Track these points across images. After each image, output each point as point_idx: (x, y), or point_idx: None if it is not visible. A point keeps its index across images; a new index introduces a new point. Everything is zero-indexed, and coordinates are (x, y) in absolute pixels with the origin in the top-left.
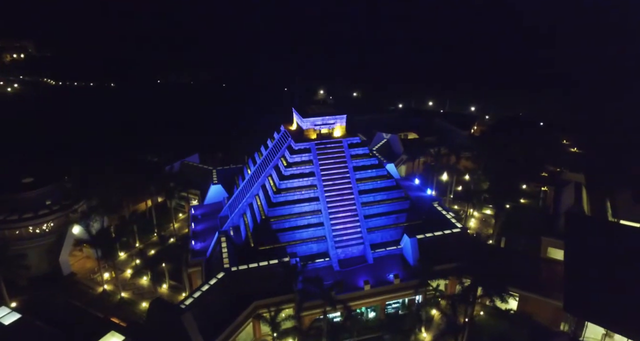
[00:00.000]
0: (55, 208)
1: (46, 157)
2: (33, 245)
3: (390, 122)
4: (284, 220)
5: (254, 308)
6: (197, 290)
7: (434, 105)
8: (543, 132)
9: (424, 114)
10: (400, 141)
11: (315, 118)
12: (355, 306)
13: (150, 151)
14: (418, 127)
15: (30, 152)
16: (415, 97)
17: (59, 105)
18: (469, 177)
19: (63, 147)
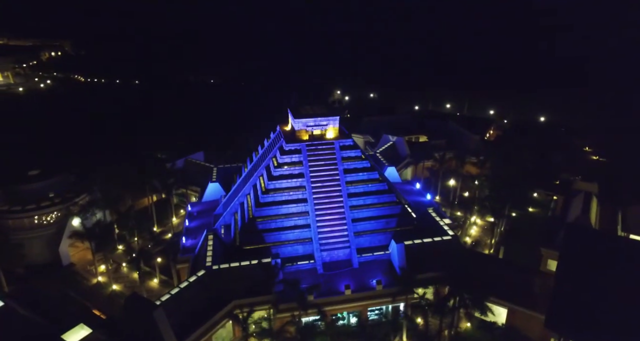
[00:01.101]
0: (57, 201)
1: (59, 150)
2: (35, 235)
3: (402, 124)
4: (271, 221)
5: (233, 307)
6: (176, 287)
7: (452, 108)
8: (564, 138)
9: (438, 117)
10: (407, 144)
11: (307, 119)
12: (335, 310)
13: (160, 148)
14: (430, 130)
15: (46, 145)
16: (434, 99)
17: (84, 101)
18: (473, 182)
19: (78, 141)
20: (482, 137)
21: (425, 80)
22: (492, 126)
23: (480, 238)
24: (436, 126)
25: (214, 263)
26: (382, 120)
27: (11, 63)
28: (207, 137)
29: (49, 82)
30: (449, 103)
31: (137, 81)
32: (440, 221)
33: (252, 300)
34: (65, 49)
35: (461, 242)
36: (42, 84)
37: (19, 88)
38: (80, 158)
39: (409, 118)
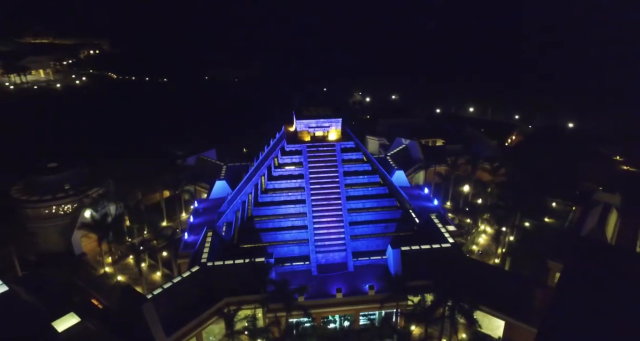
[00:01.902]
0: (71, 193)
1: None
2: (50, 224)
3: (419, 127)
4: (268, 220)
5: (224, 305)
6: (168, 281)
7: (475, 112)
8: (592, 146)
9: (457, 121)
10: (420, 147)
11: (309, 121)
12: (325, 313)
13: (178, 144)
14: (447, 134)
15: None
16: (457, 103)
17: (114, 98)
18: (485, 189)
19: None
20: (502, 142)
21: (450, 83)
22: (515, 132)
23: (489, 247)
24: (453, 130)
25: (209, 260)
26: (398, 123)
27: (52, 60)
28: (225, 135)
29: (84, 79)
30: (473, 107)
31: (165, 79)
32: (442, 228)
33: (243, 298)
34: (103, 48)
35: (462, 249)
36: (77, 81)
37: (57, 84)
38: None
39: (426, 121)
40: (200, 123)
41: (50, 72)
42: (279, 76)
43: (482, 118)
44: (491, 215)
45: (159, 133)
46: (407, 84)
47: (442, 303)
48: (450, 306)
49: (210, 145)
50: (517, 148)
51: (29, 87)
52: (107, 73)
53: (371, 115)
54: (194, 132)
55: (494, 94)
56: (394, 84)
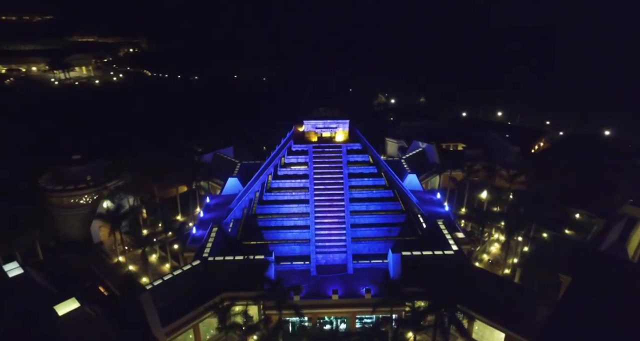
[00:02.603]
0: (92, 184)
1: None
2: (72, 213)
3: (440, 131)
4: (271, 219)
5: (221, 299)
6: (169, 273)
7: (503, 117)
8: (628, 155)
9: (481, 125)
10: (437, 151)
11: (317, 121)
12: (321, 314)
13: (199, 140)
14: (468, 139)
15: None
16: (485, 106)
17: (146, 94)
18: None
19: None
20: (527, 149)
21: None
22: (542, 138)
23: (500, 257)
24: (475, 135)
25: (211, 255)
26: (418, 126)
27: (93, 58)
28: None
29: (121, 76)
30: (501, 112)
31: (195, 77)
32: (448, 234)
33: (238, 294)
34: (142, 46)
35: (467, 257)
36: (115, 78)
37: (96, 80)
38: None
39: (448, 125)
40: (223, 120)
41: (92, 68)
42: (307, 76)
43: (510, 124)
44: (509, 223)
45: (183, 129)
46: (435, 87)
47: (431, 311)
48: (441, 314)
49: (228, 143)
50: (541, 156)
51: (71, 83)
52: (142, 70)
53: (395, 117)
54: (216, 129)
55: (526, 99)
56: (421, 87)
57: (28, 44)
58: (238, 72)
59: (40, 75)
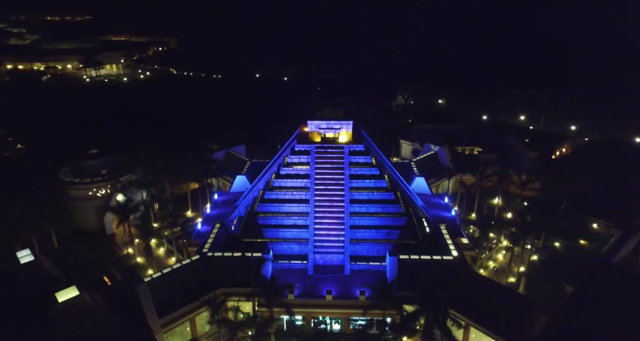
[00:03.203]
0: (106, 177)
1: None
2: (87, 205)
3: (455, 134)
4: (271, 217)
5: (216, 295)
6: (168, 267)
7: (526, 120)
8: None
9: (499, 129)
10: (450, 155)
11: (320, 122)
12: (315, 314)
13: (216, 138)
14: (487, 142)
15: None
16: (507, 110)
17: (171, 91)
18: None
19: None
20: (547, 154)
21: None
22: (565, 144)
23: (507, 265)
24: (492, 139)
25: (211, 251)
26: (435, 128)
27: (123, 56)
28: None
29: (148, 74)
30: (524, 115)
31: (219, 75)
32: (449, 239)
33: (234, 290)
34: (171, 45)
35: (467, 263)
36: (142, 75)
37: (124, 78)
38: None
39: (465, 127)
40: (240, 118)
41: (121, 66)
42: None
43: (532, 128)
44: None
45: (201, 127)
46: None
47: (418, 316)
48: (430, 320)
49: (241, 141)
50: (561, 162)
51: (101, 80)
52: (169, 68)
53: (414, 119)
54: (233, 127)
55: (551, 103)
56: (442, 89)
57: (66, 43)
58: (260, 71)
59: (74, 73)
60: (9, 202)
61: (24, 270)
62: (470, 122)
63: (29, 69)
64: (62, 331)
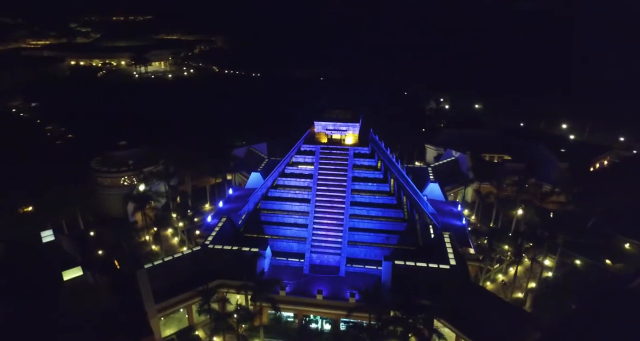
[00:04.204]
0: (131, 168)
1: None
2: (113, 193)
3: (484, 141)
4: (273, 215)
5: (215, 286)
6: (170, 255)
7: (568, 129)
8: None
9: (536, 137)
10: (471, 161)
11: (327, 123)
12: (305, 312)
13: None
14: (518, 151)
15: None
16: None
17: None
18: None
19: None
20: (582, 166)
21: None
22: (607, 156)
23: (518, 280)
24: (524, 147)
25: (212, 243)
26: (463, 134)
27: (170, 54)
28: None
29: (191, 71)
30: (566, 124)
31: (258, 74)
32: (450, 248)
33: (226, 281)
34: (218, 44)
35: (466, 273)
36: (186, 72)
37: (169, 74)
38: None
39: (496, 134)
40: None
41: (168, 63)
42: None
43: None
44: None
45: (232, 123)
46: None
47: (396, 322)
48: (407, 327)
49: (264, 139)
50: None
51: (149, 76)
52: (212, 66)
53: (447, 123)
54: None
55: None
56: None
57: (122, 41)
58: (299, 71)
59: (126, 69)
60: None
61: (43, 249)
62: (502, 129)
63: (88, 65)
64: (64, 306)
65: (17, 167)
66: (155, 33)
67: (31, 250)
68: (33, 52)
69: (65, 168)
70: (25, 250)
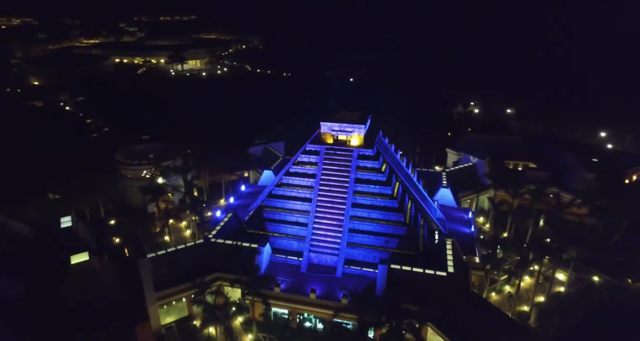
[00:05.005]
0: (151, 161)
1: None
2: (134, 184)
3: (509, 147)
4: (275, 212)
5: (214, 279)
6: (171, 247)
7: (607, 139)
8: None
9: (568, 146)
10: (489, 168)
11: (333, 124)
12: (299, 310)
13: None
14: (545, 159)
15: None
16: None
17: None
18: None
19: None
20: (614, 178)
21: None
22: None
23: (526, 293)
24: (551, 155)
25: (216, 237)
26: (487, 139)
27: (206, 53)
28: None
29: (225, 70)
30: (605, 132)
31: (288, 73)
32: (450, 255)
33: (224, 275)
34: (254, 44)
35: (463, 282)
36: (219, 71)
37: (203, 73)
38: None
39: (522, 141)
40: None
41: (203, 62)
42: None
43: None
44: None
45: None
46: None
47: (376, 326)
48: (390, 331)
49: (282, 137)
50: (633, 187)
51: (184, 74)
52: (245, 65)
53: (476, 128)
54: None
55: None
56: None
57: (163, 40)
58: (329, 71)
59: (164, 67)
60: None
61: (61, 234)
62: (533, 135)
63: (130, 63)
64: (69, 288)
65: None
66: (195, 33)
67: (51, 234)
68: (84, 50)
69: (95, 159)
70: (49, 234)
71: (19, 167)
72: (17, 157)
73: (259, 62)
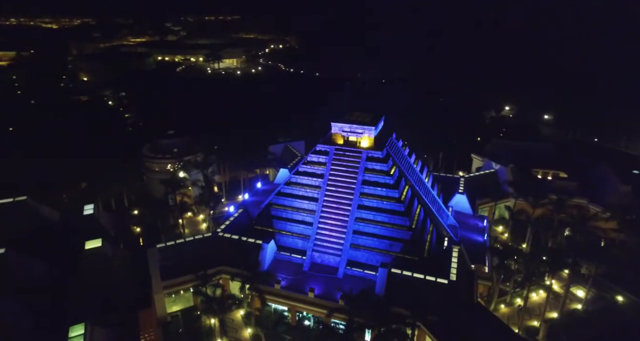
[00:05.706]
0: (174, 156)
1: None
2: (158, 177)
3: (539, 154)
4: (282, 210)
5: (215, 272)
6: (181, 238)
7: None
8: None
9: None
10: (512, 176)
11: (343, 125)
12: (298, 308)
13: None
14: (578, 168)
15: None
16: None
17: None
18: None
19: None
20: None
21: None
22: None
23: (539, 307)
24: (585, 165)
25: (225, 232)
26: (515, 146)
27: (242, 52)
28: None
29: (259, 69)
30: None
31: (317, 73)
32: (454, 263)
33: (226, 269)
34: (291, 43)
35: (470, 290)
36: (253, 70)
37: (238, 71)
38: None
39: (552, 148)
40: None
41: (239, 61)
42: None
43: None
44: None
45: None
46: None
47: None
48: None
49: (301, 137)
50: None
51: (219, 72)
52: (279, 64)
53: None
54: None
55: None
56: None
57: (204, 39)
58: (362, 71)
59: (202, 65)
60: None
61: (82, 220)
62: (565, 143)
63: (171, 61)
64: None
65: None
66: (235, 32)
67: (71, 221)
68: (130, 48)
69: (126, 152)
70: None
71: (57, 158)
72: (57, 148)
73: (294, 61)
